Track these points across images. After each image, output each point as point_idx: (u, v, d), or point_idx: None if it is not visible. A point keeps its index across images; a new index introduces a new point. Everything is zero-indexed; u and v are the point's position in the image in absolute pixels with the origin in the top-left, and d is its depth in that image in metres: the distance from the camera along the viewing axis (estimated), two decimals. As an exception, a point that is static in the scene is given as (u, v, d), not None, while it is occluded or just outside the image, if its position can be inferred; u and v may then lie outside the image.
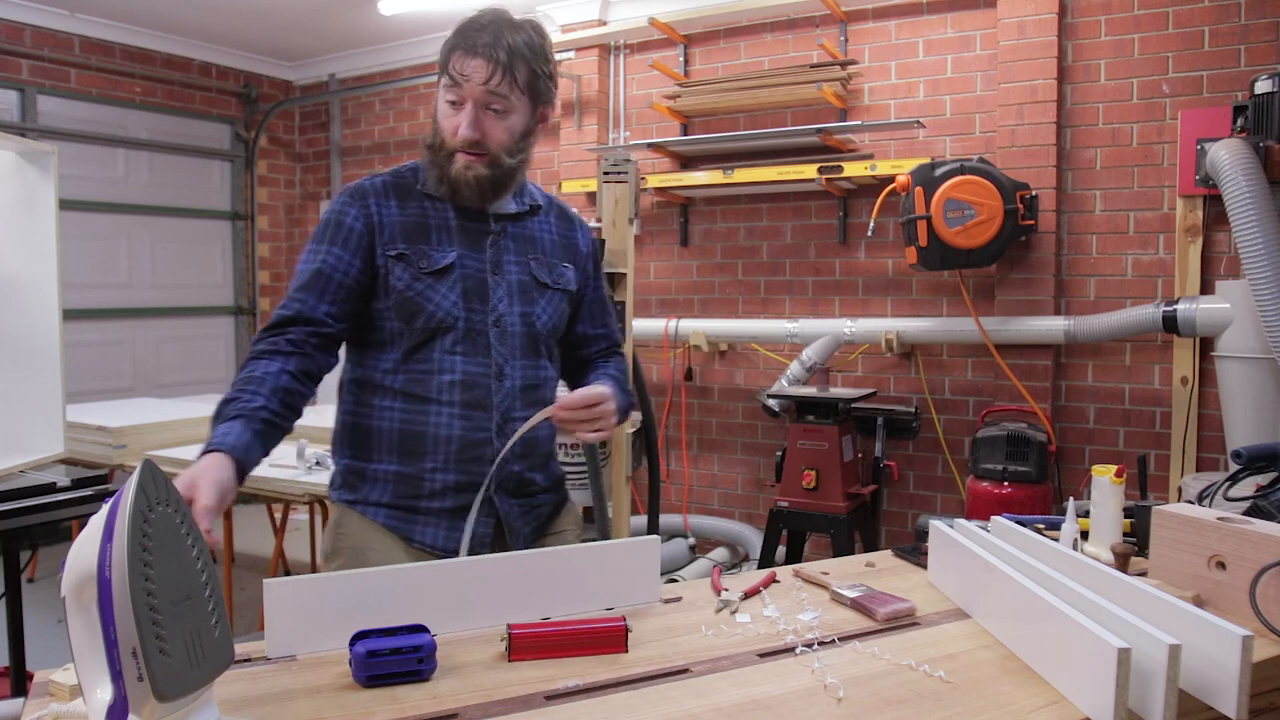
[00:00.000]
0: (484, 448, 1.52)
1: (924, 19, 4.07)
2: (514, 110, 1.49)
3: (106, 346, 5.38)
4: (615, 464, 3.31)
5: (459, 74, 1.45)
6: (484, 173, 1.49)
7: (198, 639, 0.88)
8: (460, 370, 1.51)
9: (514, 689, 1.06)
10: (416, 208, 1.54)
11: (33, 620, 3.69)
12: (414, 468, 1.52)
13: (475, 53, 1.44)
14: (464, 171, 1.48)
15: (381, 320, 1.52)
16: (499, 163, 1.50)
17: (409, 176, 1.58)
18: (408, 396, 1.51)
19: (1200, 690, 1.02)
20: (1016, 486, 3.46)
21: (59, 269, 2.65)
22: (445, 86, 1.48)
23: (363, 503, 1.55)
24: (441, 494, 1.52)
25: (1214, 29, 3.50)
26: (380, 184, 1.55)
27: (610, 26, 4.68)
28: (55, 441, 2.71)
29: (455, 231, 1.55)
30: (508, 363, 1.54)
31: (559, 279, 1.63)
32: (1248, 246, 2.97)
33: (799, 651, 1.17)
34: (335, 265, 1.49)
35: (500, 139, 1.49)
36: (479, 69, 1.44)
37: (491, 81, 1.44)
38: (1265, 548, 1.22)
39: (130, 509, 0.84)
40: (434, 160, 1.52)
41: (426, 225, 1.54)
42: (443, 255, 1.52)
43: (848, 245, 4.29)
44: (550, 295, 1.61)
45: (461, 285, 1.52)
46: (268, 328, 1.47)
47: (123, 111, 5.41)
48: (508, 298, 1.55)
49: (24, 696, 1.07)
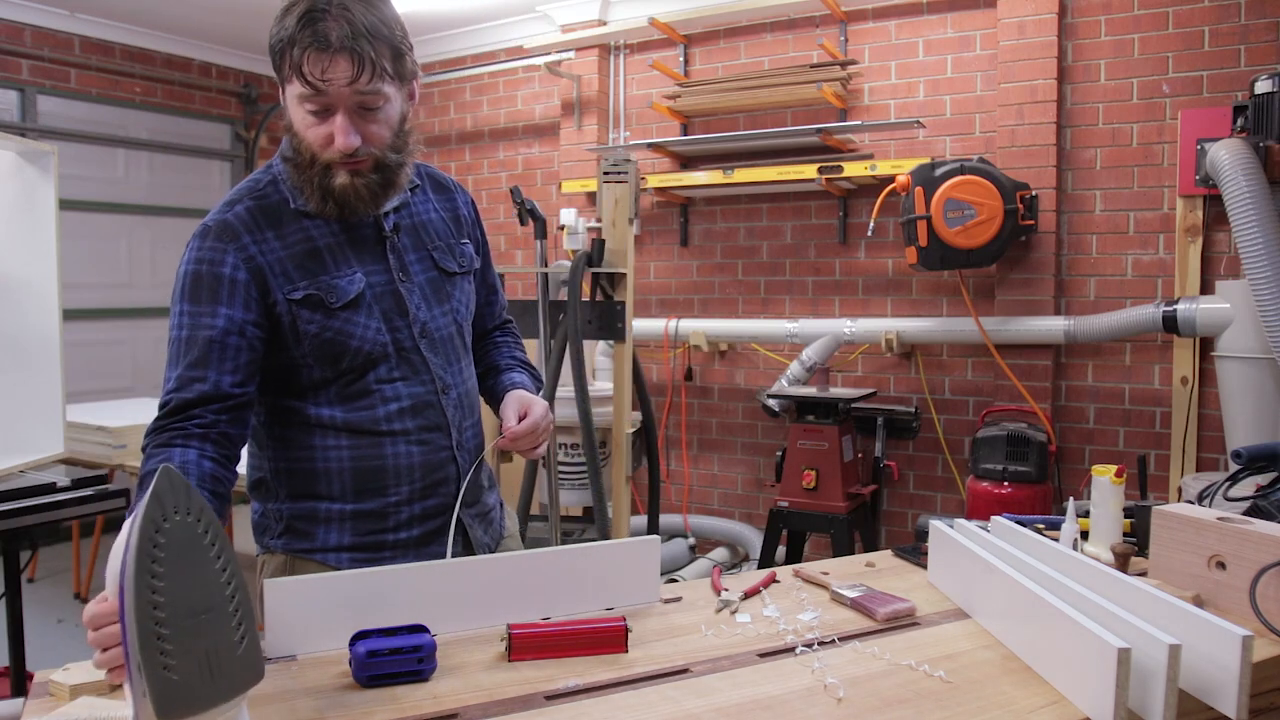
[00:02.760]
0: (447, 467, 1.42)
1: (924, 19, 4.06)
2: (387, 101, 1.27)
3: (106, 346, 5.38)
4: (615, 464, 3.31)
5: (317, 79, 1.21)
6: (373, 179, 1.30)
7: (215, 655, 0.84)
8: (405, 395, 1.37)
9: (514, 689, 1.06)
10: (297, 231, 1.32)
11: (33, 620, 3.69)
12: (375, 503, 1.37)
13: (330, 49, 1.20)
14: (349, 183, 1.28)
15: (299, 367, 1.34)
16: (385, 162, 1.30)
17: (271, 195, 1.34)
18: (354, 433, 1.35)
19: (1200, 690, 1.02)
20: (1016, 486, 3.46)
21: (59, 269, 2.65)
22: (300, 96, 1.24)
23: (321, 550, 1.37)
24: (408, 524, 1.40)
25: (1214, 29, 3.50)
26: (245, 213, 1.31)
27: (610, 26, 4.68)
28: (55, 441, 2.71)
29: (349, 248, 1.35)
30: (447, 372, 1.42)
31: (464, 260, 1.48)
32: (1248, 246, 2.97)
33: (799, 651, 1.17)
34: (228, 329, 1.26)
35: (383, 138, 1.29)
36: (343, 69, 1.21)
37: (360, 80, 1.22)
38: (1265, 548, 1.22)
39: (141, 519, 0.82)
40: (306, 176, 1.30)
41: (317, 250, 1.32)
42: (349, 282, 1.33)
43: (848, 245, 4.29)
44: (460, 282, 1.47)
45: (378, 307, 1.35)
46: (167, 414, 1.24)
47: (123, 111, 5.41)
48: (424, 302, 1.40)
49: (24, 696, 1.07)
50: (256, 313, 1.29)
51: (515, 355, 1.64)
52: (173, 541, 0.83)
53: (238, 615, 0.88)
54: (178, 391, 1.25)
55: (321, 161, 1.28)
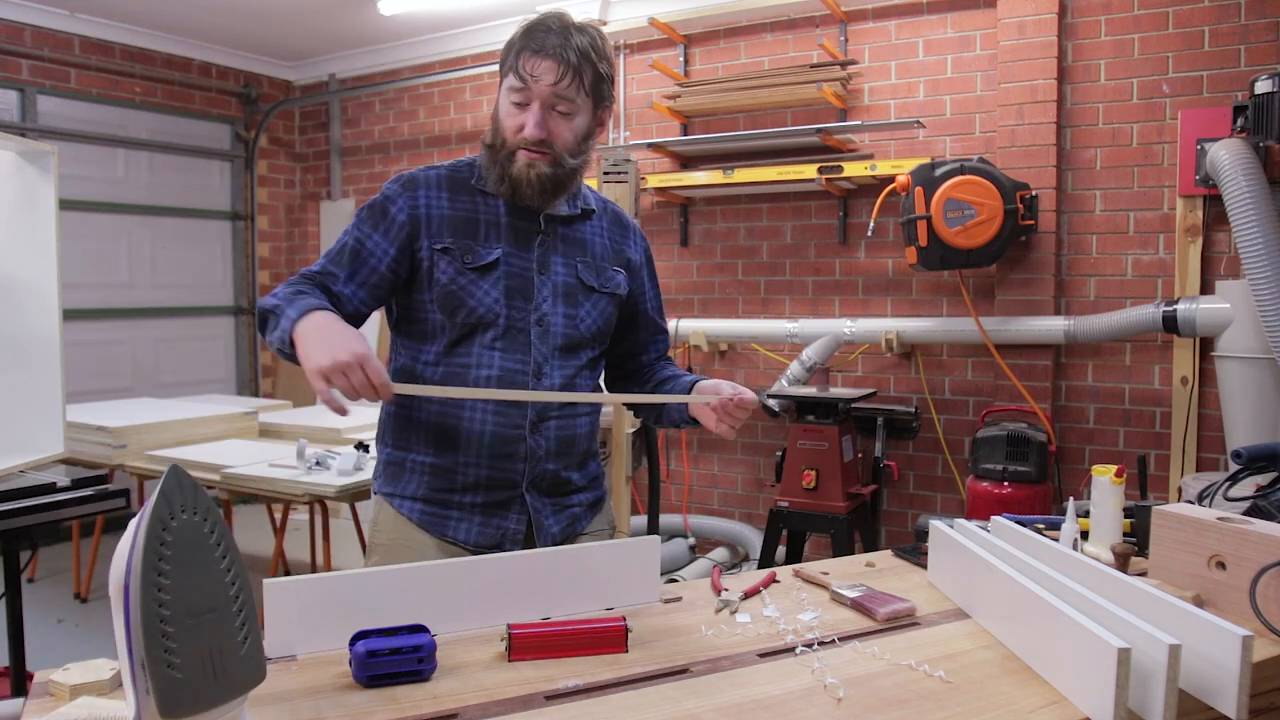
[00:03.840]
0: (517, 444, 1.52)
1: (924, 19, 4.07)
2: (579, 112, 1.50)
3: (106, 346, 5.38)
4: (615, 464, 3.31)
5: (528, 74, 1.46)
6: (546, 171, 1.49)
7: (219, 654, 0.85)
8: (498, 366, 1.52)
9: (514, 689, 1.06)
10: (468, 202, 1.55)
11: (33, 620, 3.69)
12: (448, 460, 1.53)
13: (545, 54, 1.45)
14: (526, 170, 1.48)
15: (425, 311, 1.54)
16: (562, 162, 1.50)
17: (465, 171, 1.59)
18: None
19: (1200, 690, 1.02)
20: (1016, 486, 3.46)
21: (59, 269, 2.65)
22: (511, 87, 1.49)
23: (399, 496, 1.57)
24: (474, 489, 1.53)
25: (1214, 29, 3.50)
26: (435, 176, 1.57)
27: (610, 26, 4.68)
28: (55, 441, 2.71)
29: (504, 229, 1.55)
30: (547, 361, 1.54)
31: (607, 283, 1.63)
32: (1248, 246, 2.97)
33: (799, 651, 1.17)
34: (373, 250, 1.51)
35: (565, 139, 1.50)
36: (549, 70, 1.45)
37: (561, 84, 1.46)
38: (1265, 548, 1.22)
39: (148, 517, 0.82)
40: (494, 158, 1.52)
41: (476, 220, 1.54)
42: (488, 251, 1.53)
43: (848, 245, 4.29)
44: (596, 299, 1.61)
45: (505, 282, 1.52)
46: (303, 277, 1.50)
47: (123, 111, 5.41)
48: (552, 298, 1.56)
49: (24, 696, 1.07)
50: (398, 250, 1.52)
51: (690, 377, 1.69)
52: (179, 540, 0.84)
53: (241, 615, 0.88)
54: (313, 268, 1.53)
55: (510, 146, 1.49)
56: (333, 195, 6.11)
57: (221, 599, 0.86)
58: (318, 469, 3.20)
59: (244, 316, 6.12)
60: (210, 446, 3.71)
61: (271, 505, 4.57)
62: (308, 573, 1.74)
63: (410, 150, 5.71)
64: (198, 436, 3.86)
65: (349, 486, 3.05)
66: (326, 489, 3.05)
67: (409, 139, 5.73)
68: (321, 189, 6.21)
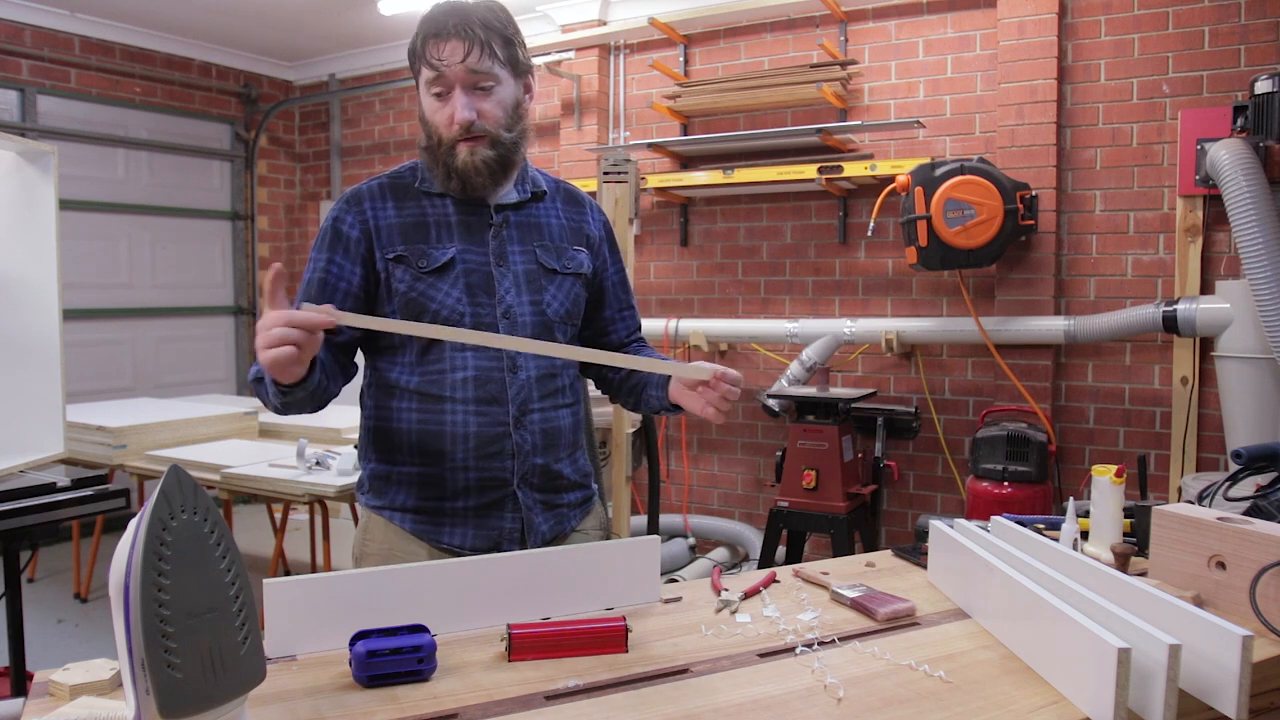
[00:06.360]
0: (502, 441, 1.51)
1: (924, 19, 4.07)
2: (500, 84, 1.48)
3: (106, 346, 5.38)
4: (615, 464, 3.30)
5: (437, 59, 1.44)
6: (489, 154, 1.48)
7: (219, 654, 0.85)
8: (472, 366, 1.50)
9: (514, 689, 1.06)
10: (414, 207, 1.54)
11: (33, 620, 3.69)
12: (436, 468, 1.52)
13: (448, 35, 1.44)
14: (470, 158, 1.47)
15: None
16: (499, 141, 1.49)
17: (407, 176, 1.57)
18: (424, 396, 1.51)
19: (1200, 690, 1.02)
20: (1016, 486, 3.46)
21: (59, 269, 2.65)
22: (427, 80, 1.48)
23: (389, 508, 1.56)
24: (465, 493, 1.52)
25: (1214, 29, 3.50)
26: (377, 187, 1.55)
27: (610, 26, 4.68)
28: (55, 441, 2.71)
29: (455, 227, 1.53)
30: (520, 354, 1.53)
31: (569, 264, 1.60)
32: (1248, 246, 2.97)
33: (799, 651, 1.17)
34: (338, 275, 1.50)
35: (495, 115, 1.48)
36: (456, 50, 1.43)
37: (471, 58, 1.44)
38: (1265, 548, 1.22)
39: (148, 517, 0.82)
40: (435, 159, 1.51)
41: (425, 223, 1.53)
42: (442, 252, 1.51)
43: (848, 245, 4.29)
44: (560, 281, 1.59)
45: (464, 280, 1.51)
46: None
47: (123, 111, 5.41)
48: (515, 289, 1.54)
49: (24, 696, 1.07)
50: (363, 266, 1.51)
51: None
52: (179, 539, 0.84)
53: (241, 615, 0.88)
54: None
55: (446, 142, 1.48)
56: (333, 195, 6.10)
57: (221, 599, 0.86)
58: (318, 469, 3.20)
59: (244, 317, 6.12)
60: (210, 446, 3.71)
61: (271, 505, 4.57)
62: (308, 573, 1.74)
63: (410, 150, 5.70)
64: (198, 436, 3.86)
65: (349, 486, 3.05)
66: (326, 489, 3.05)
67: (409, 139, 5.73)
68: (321, 189, 6.21)
